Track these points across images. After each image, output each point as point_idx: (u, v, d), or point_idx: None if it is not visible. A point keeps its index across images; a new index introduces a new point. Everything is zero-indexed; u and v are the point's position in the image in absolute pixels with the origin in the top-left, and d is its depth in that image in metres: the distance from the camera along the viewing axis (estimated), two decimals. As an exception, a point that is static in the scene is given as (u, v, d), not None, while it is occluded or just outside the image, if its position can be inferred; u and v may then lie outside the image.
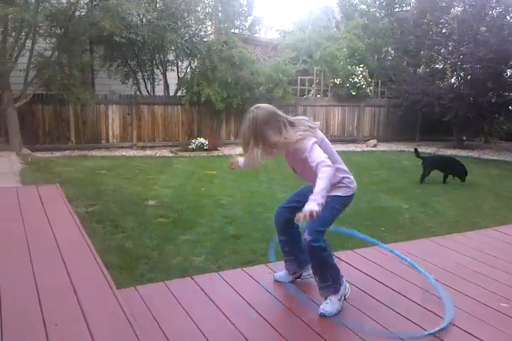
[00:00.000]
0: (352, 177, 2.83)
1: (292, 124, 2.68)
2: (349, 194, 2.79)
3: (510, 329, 2.56)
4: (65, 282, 2.86)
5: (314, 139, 2.61)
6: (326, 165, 2.49)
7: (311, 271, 2.85)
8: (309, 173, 2.60)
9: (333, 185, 2.69)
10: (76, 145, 10.35)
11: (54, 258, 3.25)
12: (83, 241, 3.63)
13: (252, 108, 2.77)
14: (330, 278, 2.73)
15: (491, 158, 11.39)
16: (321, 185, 2.44)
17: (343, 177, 2.77)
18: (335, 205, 2.73)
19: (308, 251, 2.69)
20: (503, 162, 10.82)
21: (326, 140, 2.79)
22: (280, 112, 2.73)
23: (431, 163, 7.82)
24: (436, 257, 3.65)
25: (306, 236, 2.65)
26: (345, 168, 2.83)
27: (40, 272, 3.01)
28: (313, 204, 2.38)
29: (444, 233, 4.43)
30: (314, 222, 2.58)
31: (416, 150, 8.08)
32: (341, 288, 2.78)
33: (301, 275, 3.10)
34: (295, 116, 2.88)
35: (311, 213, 2.35)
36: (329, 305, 2.70)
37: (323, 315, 2.66)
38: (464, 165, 7.69)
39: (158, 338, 2.39)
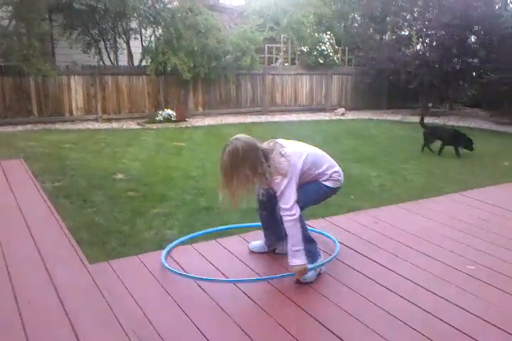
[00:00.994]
0: (340, 170, 2.99)
1: (267, 155, 2.67)
2: (338, 185, 2.97)
3: (475, 290, 2.66)
4: (36, 258, 2.81)
5: (286, 180, 2.63)
6: (288, 215, 2.62)
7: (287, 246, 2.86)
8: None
9: (325, 177, 2.87)
10: (39, 118, 10.00)
11: (23, 235, 3.18)
12: (52, 216, 3.56)
13: (232, 139, 2.70)
14: (305, 247, 2.76)
15: (456, 124, 11.59)
16: (291, 241, 2.63)
17: (333, 172, 2.92)
18: (322, 192, 2.91)
19: (283, 222, 2.70)
20: (468, 128, 11.02)
21: (311, 151, 2.86)
22: (258, 144, 2.69)
23: (433, 133, 7.80)
24: (404, 222, 3.74)
25: (280, 212, 2.67)
26: (334, 162, 2.99)
27: (9, 249, 2.94)
28: (296, 267, 2.61)
29: (413, 199, 4.53)
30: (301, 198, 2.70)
31: (422, 119, 8.04)
32: (318, 260, 2.81)
33: (275, 249, 3.12)
34: (263, 86, 2.89)
35: (300, 272, 2.63)
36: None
37: (297, 282, 2.70)
38: (466, 135, 7.55)
39: (133, 311, 2.39)
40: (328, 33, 13.21)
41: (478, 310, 2.44)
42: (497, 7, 11.52)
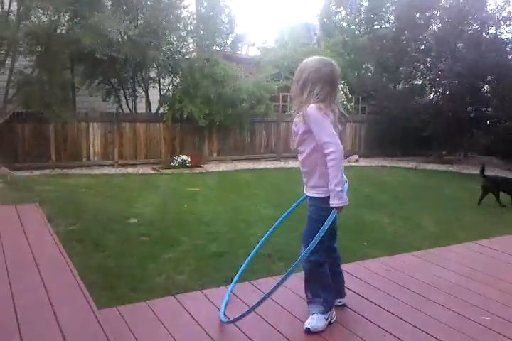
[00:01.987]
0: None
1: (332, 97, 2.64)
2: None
3: (493, 343, 2.57)
4: (44, 302, 2.80)
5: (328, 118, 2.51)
6: (333, 148, 2.45)
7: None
8: (303, 150, 2.63)
9: (321, 180, 2.60)
10: (56, 163, 10.24)
11: (33, 278, 3.18)
12: (63, 260, 3.57)
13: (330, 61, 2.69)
14: (322, 296, 2.69)
15: (470, 172, 11.54)
16: (334, 174, 2.47)
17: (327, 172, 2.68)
18: (322, 209, 2.62)
19: (305, 269, 2.67)
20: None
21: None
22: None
23: (496, 184, 7.56)
24: (418, 271, 3.66)
25: (301, 250, 2.63)
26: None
27: (19, 292, 2.93)
28: (336, 201, 2.46)
29: (426, 247, 4.45)
30: (307, 231, 2.62)
31: (482, 169, 7.63)
32: (330, 311, 2.74)
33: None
34: (278, 133, 2.94)
35: (340, 209, 2.48)
36: (315, 320, 2.65)
37: (308, 330, 2.61)
38: None
39: (140, 360, 2.34)
40: (342, 82, 13.51)
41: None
42: (510, 57, 11.73)
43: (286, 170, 10.71)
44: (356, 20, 15.59)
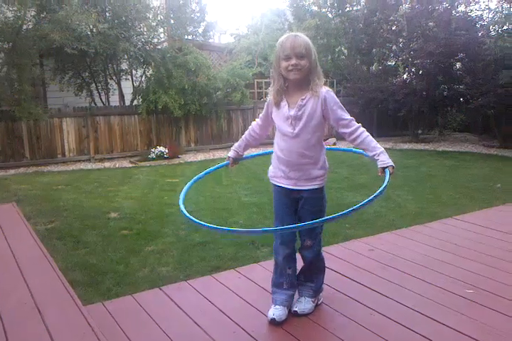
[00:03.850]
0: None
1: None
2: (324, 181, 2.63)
3: (475, 314, 2.62)
4: (28, 301, 2.76)
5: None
6: (360, 125, 2.47)
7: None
8: (306, 136, 2.47)
9: (321, 170, 2.56)
10: (31, 161, 10.03)
11: (15, 278, 3.13)
12: (44, 259, 3.51)
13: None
14: (315, 282, 2.72)
15: (446, 149, 11.70)
16: (375, 141, 2.47)
17: (325, 160, 2.62)
18: (322, 198, 2.63)
19: (311, 258, 2.67)
20: (458, 153, 11.13)
21: None
22: None
23: None
24: (402, 250, 3.71)
25: (309, 243, 2.60)
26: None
27: (2, 293, 2.89)
28: (388, 159, 2.42)
29: (407, 225, 4.51)
30: (314, 226, 2.53)
31: None
32: (319, 294, 2.77)
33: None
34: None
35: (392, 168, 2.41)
36: (303, 303, 2.67)
37: (295, 313, 2.63)
38: None
39: (128, 353, 2.32)
40: (316, 66, 13.48)
41: (478, 334, 2.39)
42: (480, 34, 11.82)
43: (265, 158, 10.67)
44: (328, 3, 15.50)
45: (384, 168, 2.41)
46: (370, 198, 2.24)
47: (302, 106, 2.46)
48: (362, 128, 2.47)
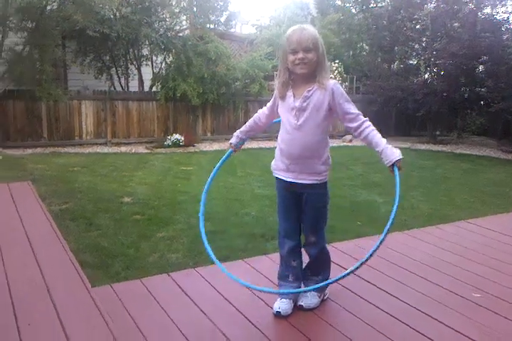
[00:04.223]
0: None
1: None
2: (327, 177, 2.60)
3: (479, 317, 2.61)
4: (38, 280, 2.81)
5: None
6: (368, 120, 2.44)
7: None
8: (310, 128, 2.45)
9: (323, 166, 2.54)
10: (49, 142, 10.13)
11: (27, 257, 3.18)
12: (56, 239, 3.57)
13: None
14: (321, 276, 2.72)
15: (464, 152, 11.59)
16: (380, 136, 2.43)
17: (328, 156, 2.58)
18: (326, 195, 2.62)
19: (316, 253, 2.67)
20: (475, 156, 11.02)
21: None
22: None
23: None
24: (411, 250, 3.70)
25: (313, 239, 2.59)
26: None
27: (13, 270, 2.94)
28: (397, 152, 2.34)
29: (419, 226, 4.49)
30: (318, 220, 2.56)
31: None
32: (326, 290, 2.77)
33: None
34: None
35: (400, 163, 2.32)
36: (309, 298, 2.68)
37: (301, 307, 2.64)
38: None
39: (135, 336, 2.35)
40: (337, 61, 13.40)
41: (479, 336, 2.39)
42: (505, 38, 11.64)
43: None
44: (352, -2, 15.40)
45: (392, 166, 2.34)
46: (381, 238, 2.28)
47: (308, 97, 2.43)
48: (368, 123, 2.43)
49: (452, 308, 2.72)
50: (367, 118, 2.45)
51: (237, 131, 2.91)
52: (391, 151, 2.33)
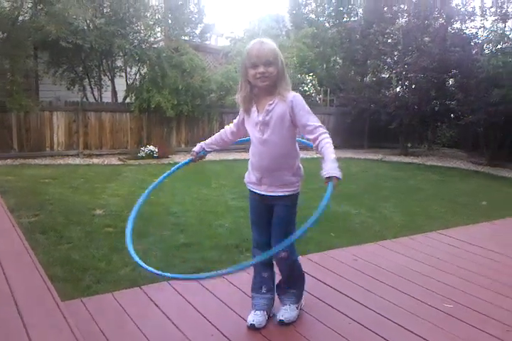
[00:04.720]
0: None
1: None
2: (299, 188, 2.58)
3: (451, 327, 2.64)
4: (6, 294, 2.72)
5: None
6: (327, 132, 2.36)
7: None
8: (276, 141, 2.44)
9: (294, 177, 2.52)
10: (19, 153, 9.93)
11: (-7, 271, 3.09)
12: (25, 252, 3.47)
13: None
14: (297, 287, 2.70)
15: (435, 164, 11.81)
16: (332, 150, 2.31)
17: (299, 167, 2.57)
18: (295, 206, 2.59)
19: (289, 267, 2.63)
20: (445, 168, 11.24)
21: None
22: None
23: None
24: (383, 260, 3.73)
25: (283, 254, 2.52)
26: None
27: (-22, 286, 2.85)
28: (338, 172, 2.22)
29: (391, 237, 4.53)
30: (287, 232, 2.45)
31: None
32: (302, 298, 2.76)
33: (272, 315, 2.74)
34: (230, 122, 2.83)
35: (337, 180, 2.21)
36: (288, 311, 2.64)
37: (281, 322, 2.59)
38: None
39: (104, 351, 2.30)
40: (311, 74, 13.55)
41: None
42: (474, 52, 11.96)
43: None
44: (325, 12, 15.62)
45: (328, 179, 2.24)
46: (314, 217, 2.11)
47: (270, 111, 2.43)
48: (325, 135, 2.37)
49: (424, 318, 2.74)
50: (326, 131, 2.40)
51: (202, 142, 2.89)
52: (334, 166, 2.25)
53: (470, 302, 2.98)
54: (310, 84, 13.25)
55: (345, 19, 15.47)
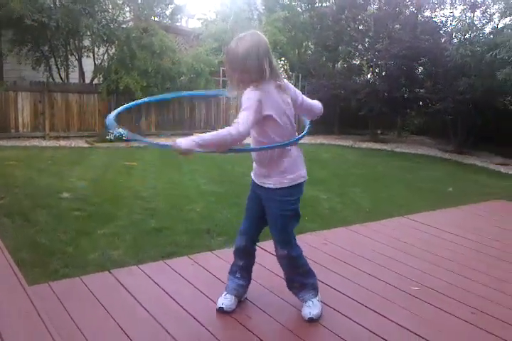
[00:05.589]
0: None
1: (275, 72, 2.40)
2: (299, 181, 2.56)
3: (418, 310, 2.70)
4: (-31, 280, 2.65)
5: (258, 94, 2.31)
6: (234, 129, 2.20)
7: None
8: (252, 134, 2.44)
9: (280, 172, 2.48)
10: (-18, 134, 9.65)
11: (-44, 256, 2.99)
12: (-10, 236, 3.38)
13: (253, 32, 2.43)
14: (310, 280, 2.63)
15: (403, 151, 11.99)
16: (208, 135, 2.18)
17: (284, 161, 2.49)
18: (290, 203, 2.57)
19: (292, 265, 2.59)
20: (414, 155, 11.43)
21: (294, 92, 2.63)
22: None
23: None
24: (353, 244, 3.78)
25: (283, 252, 2.52)
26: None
27: None
28: (185, 142, 2.10)
29: (360, 221, 4.59)
30: (278, 229, 2.50)
31: None
32: (318, 290, 2.68)
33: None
34: (218, 108, 2.76)
35: (182, 152, 2.12)
36: (312, 307, 2.56)
37: (311, 319, 2.52)
38: None
39: (75, 336, 2.27)
40: (283, 59, 13.49)
41: (419, 329, 2.47)
42: (443, 40, 12.11)
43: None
44: (298, -4, 15.54)
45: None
46: None
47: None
48: (227, 128, 2.21)
49: (394, 302, 2.80)
50: (235, 128, 2.21)
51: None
52: (180, 140, 2.11)
53: (438, 285, 3.05)
54: (282, 69, 13.20)
55: (317, 4, 15.40)
